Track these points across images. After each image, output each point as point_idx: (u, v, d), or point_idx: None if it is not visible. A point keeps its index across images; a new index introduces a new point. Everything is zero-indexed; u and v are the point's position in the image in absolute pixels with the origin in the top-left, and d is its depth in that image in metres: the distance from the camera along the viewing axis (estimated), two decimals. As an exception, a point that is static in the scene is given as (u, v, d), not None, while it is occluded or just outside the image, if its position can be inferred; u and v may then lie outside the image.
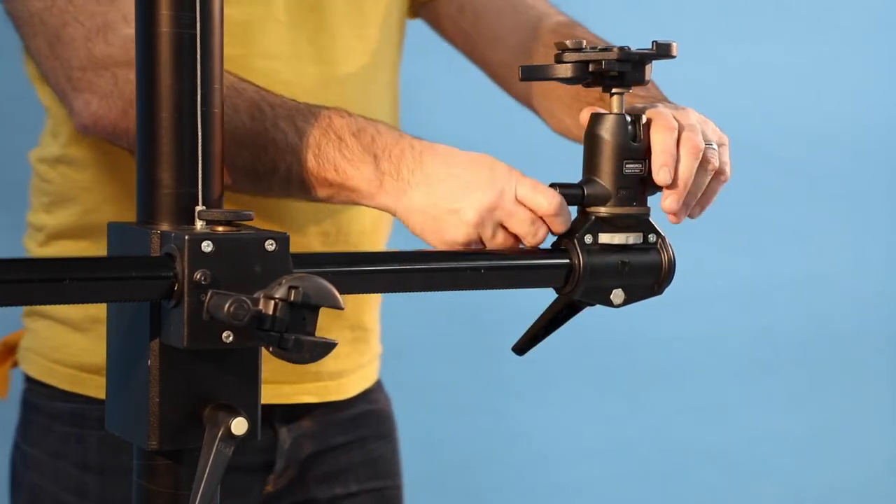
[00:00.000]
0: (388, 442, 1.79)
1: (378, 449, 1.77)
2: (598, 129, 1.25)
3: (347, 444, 1.74)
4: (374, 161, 1.34)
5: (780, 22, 3.09)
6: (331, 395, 1.69)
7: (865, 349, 3.24)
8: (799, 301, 3.15)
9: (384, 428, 1.79)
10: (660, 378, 3.05)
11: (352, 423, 1.74)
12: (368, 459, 1.76)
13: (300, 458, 1.69)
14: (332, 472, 1.72)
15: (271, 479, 1.67)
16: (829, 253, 3.18)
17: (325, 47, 1.62)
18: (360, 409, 1.75)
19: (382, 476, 1.77)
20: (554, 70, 1.25)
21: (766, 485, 3.15)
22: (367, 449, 1.76)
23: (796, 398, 3.17)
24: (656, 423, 3.05)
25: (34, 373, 1.67)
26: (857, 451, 3.23)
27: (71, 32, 1.42)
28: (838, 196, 3.18)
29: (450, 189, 1.31)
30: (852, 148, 3.18)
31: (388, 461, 1.79)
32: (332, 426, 1.72)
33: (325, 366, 1.67)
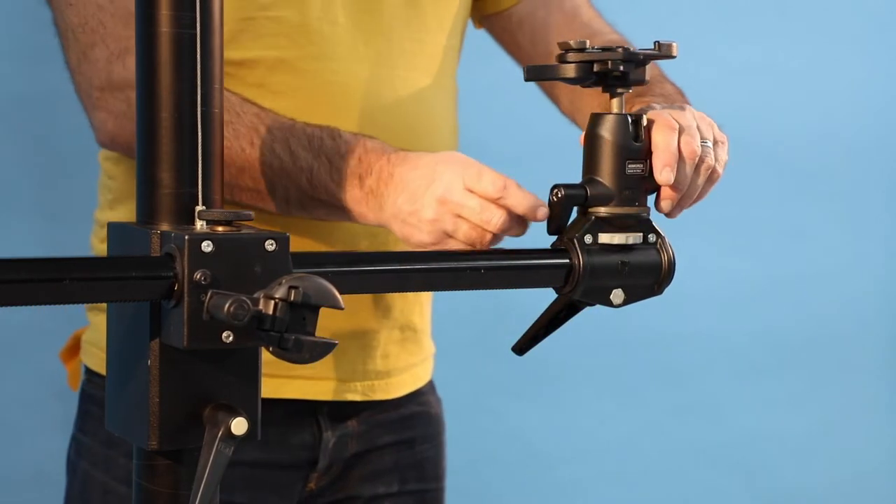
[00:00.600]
0: (435, 445, 1.79)
1: (425, 451, 1.77)
2: (600, 130, 1.25)
3: (395, 444, 1.73)
4: (359, 182, 1.41)
5: (780, 22, 3.09)
6: (377, 395, 1.68)
7: (864, 348, 3.25)
8: (797, 300, 3.15)
9: (433, 430, 1.78)
10: (658, 377, 3.05)
11: (400, 423, 1.74)
12: (415, 461, 1.75)
13: (345, 456, 1.69)
14: (377, 472, 1.72)
15: (314, 476, 1.67)
16: (827, 252, 3.18)
17: (381, 51, 1.62)
18: (409, 409, 1.75)
19: (427, 478, 1.77)
20: (558, 70, 1.25)
21: (765, 484, 3.15)
22: (414, 450, 1.75)
23: (794, 397, 3.17)
24: (654, 422, 3.05)
25: (92, 364, 1.70)
26: (856, 450, 3.23)
27: (97, 53, 1.51)
28: (837, 195, 3.18)
29: (410, 192, 1.37)
30: (851, 148, 3.18)
31: (434, 464, 1.79)
32: (378, 426, 1.71)
33: (374, 364, 1.67)
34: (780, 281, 3.13)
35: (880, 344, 3.25)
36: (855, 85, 3.18)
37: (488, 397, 2.91)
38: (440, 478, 1.80)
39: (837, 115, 3.16)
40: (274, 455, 1.63)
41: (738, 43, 3.03)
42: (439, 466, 1.80)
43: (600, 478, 3.02)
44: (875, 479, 3.26)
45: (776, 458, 3.15)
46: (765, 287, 3.12)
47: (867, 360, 3.25)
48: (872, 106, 3.20)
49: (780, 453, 3.16)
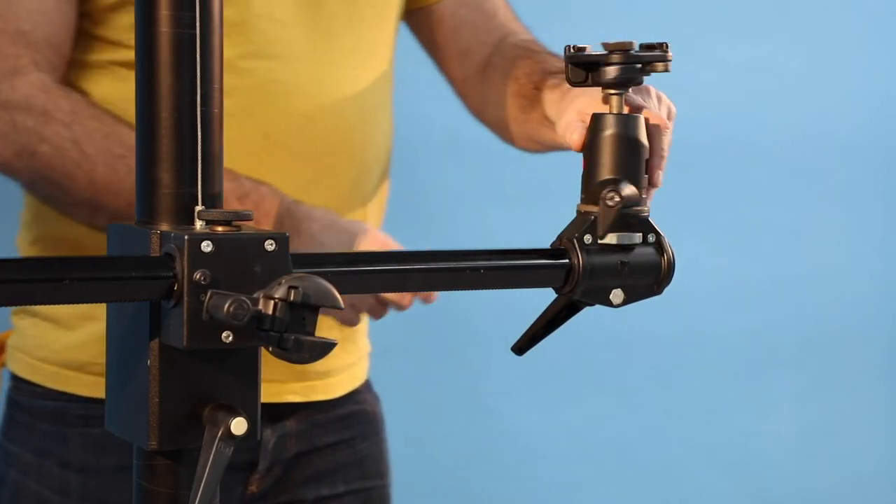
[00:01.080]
0: (375, 442, 1.79)
1: (365, 449, 1.77)
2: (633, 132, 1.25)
3: (335, 444, 1.74)
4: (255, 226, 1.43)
5: (779, 22, 3.09)
6: (317, 395, 1.69)
7: (863, 348, 3.25)
8: (796, 300, 3.16)
9: (372, 428, 1.79)
10: (655, 377, 3.05)
11: (339, 423, 1.74)
12: (356, 460, 1.76)
13: (285, 457, 1.69)
14: (319, 473, 1.72)
15: (255, 478, 1.67)
16: (826, 252, 3.18)
17: (323, 48, 1.62)
18: (347, 409, 1.75)
19: (370, 476, 1.77)
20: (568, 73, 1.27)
21: (765, 484, 3.15)
22: (354, 449, 1.76)
23: (794, 397, 3.17)
24: (651, 422, 3.05)
25: (19, 370, 1.67)
26: (855, 450, 3.23)
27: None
28: (835, 195, 3.18)
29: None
30: (850, 148, 3.18)
31: (376, 461, 1.79)
32: (317, 426, 1.72)
33: (312, 365, 1.66)
34: (779, 281, 3.13)
35: (879, 344, 3.26)
36: (854, 85, 3.18)
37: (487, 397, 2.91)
38: (384, 475, 1.80)
39: (837, 115, 3.16)
40: None
41: (738, 43, 3.03)
42: (382, 464, 1.80)
43: (600, 478, 3.02)
44: (875, 479, 3.26)
45: (776, 458, 3.15)
46: (764, 287, 3.13)
47: (866, 360, 3.25)
48: (871, 106, 3.20)
49: (779, 453, 3.16)
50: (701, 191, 2.93)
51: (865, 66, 3.19)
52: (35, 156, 1.52)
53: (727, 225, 3.05)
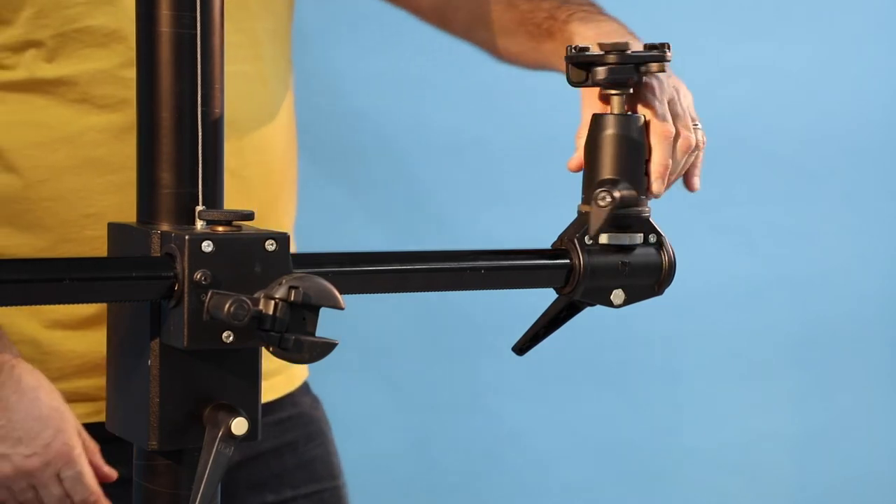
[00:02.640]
0: (320, 443, 1.76)
1: (311, 451, 1.75)
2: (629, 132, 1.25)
3: (276, 449, 1.71)
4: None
5: (779, 21, 3.09)
6: None
7: (865, 349, 3.24)
8: (798, 300, 3.15)
9: (314, 429, 1.76)
10: (658, 377, 3.05)
11: (278, 427, 1.71)
12: (302, 463, 1.73)
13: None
14: (262, 480, 1.69)
15: None
16: (828, 252, 3.18)
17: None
18: (285, 412, 1.72)
19: (320, 478, 1.75)
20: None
21: (765, 484, 3.15)
22: (298, 452, 1.74)
23: (795, 397, 3.17)
24: (652, 422, 3.05)
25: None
26: (857, 451, 3.23)
27: None
28: (838, 195, 3.18)
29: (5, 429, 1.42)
30: (852, 147, 3.18)
31: (325, 462, 1.76)
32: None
33: None
34: (782, 281, 3.13)
35: (882, 344, 3.25)
36: (856, 85, 3.18)
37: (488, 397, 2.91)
38: (335, 476, 1.78)
39: (838, 114, 3.16)
40: None
41: (738, 43, 3.03)
42: (331, 464, 1.78)
43: (600, 478, 3.02)
44: (877, 479, 3.25)
45: (777, 459, 3.15)
46: (766, 287, 3.12)
47: (869, 361, 3.25)
48: (874, 106, 3.20)
49: (780, 454, 3.16)
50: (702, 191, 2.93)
51: (870, 65, 3.19)
52: None
53: (729, 225, 3.05)
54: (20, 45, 1.51)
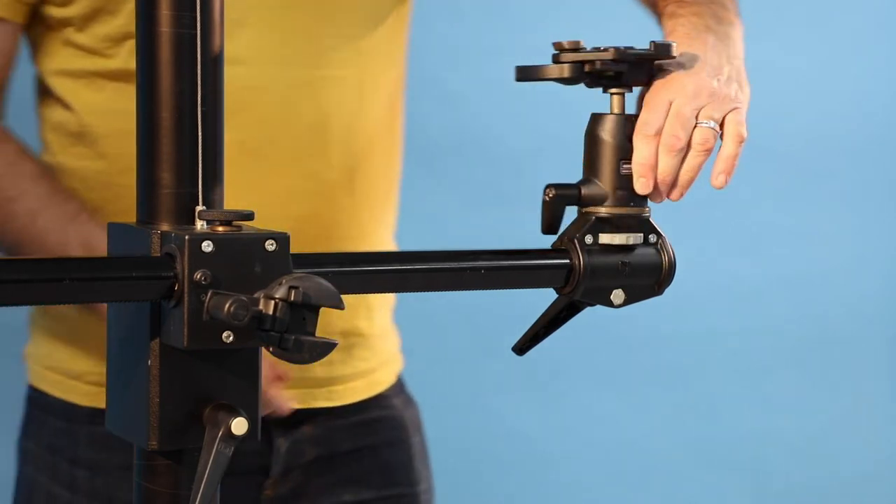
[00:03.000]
0: (403, 448, 1.76)
1: (391, 455, 1.75)
2: (596, 130, 1.26)
3: (356, 450, 1.72)
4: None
5: (780, 22, 3.09)
6: (319, 402, 1.67)
7: (866, 348, 3.24)
8: (798, 300, 3.15)
9: (399, 434, 1.76)
10: (658, 377, 3.05)
11: (361, 428, 1.72)
12: (381, 466, 1.74)
13: (301, 462, 1.67)
14: (340, 479, 1.70)
15: (269, 483, 1.66)
16: (828, 252, 3.18)
17: (299, 50, 1.60)
18: (371, 414, 1.73)
19: (398, 483, 1.75)
20: (549, 70, 1.25)
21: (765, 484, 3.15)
22: (379, 456, 1.74)
23: (795, 397, 3.17)
24: (654, 421, 3.05)
25: (32, 380, 1.71)
26: (858, 450, 3.23)
27: None
28: (838, 195, 3.18)
29: None
30: (852, 147, 3.18)
31: (405, 468, 1.76)
32: (337, 432, 1.70)
33: (312, 371, 1.66)
34: (782, 281, 3.13)
35: (882, 344, 3.25)
36: (856, 84, 3.18)
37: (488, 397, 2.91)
38: (415, 482, 1.77)
39: (838, 114, 3.16)
40: None
41: (740, 43, 3.03)
42: (412, 470, 1.77)
43: (600, 478, 3.02)
44: (877, 478, 3.26)
45: (777, 458, 3.15)
46: (766, 287, 3.12)
47: (869, 360, 3.25)
48: (874, 105, 3.20)
49: (780, 453, 3.16)
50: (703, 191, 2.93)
51: (870, 65, 3.19)
52: None
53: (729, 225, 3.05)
54: (121, 35, 1.57)
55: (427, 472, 1.81)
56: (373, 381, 1.73)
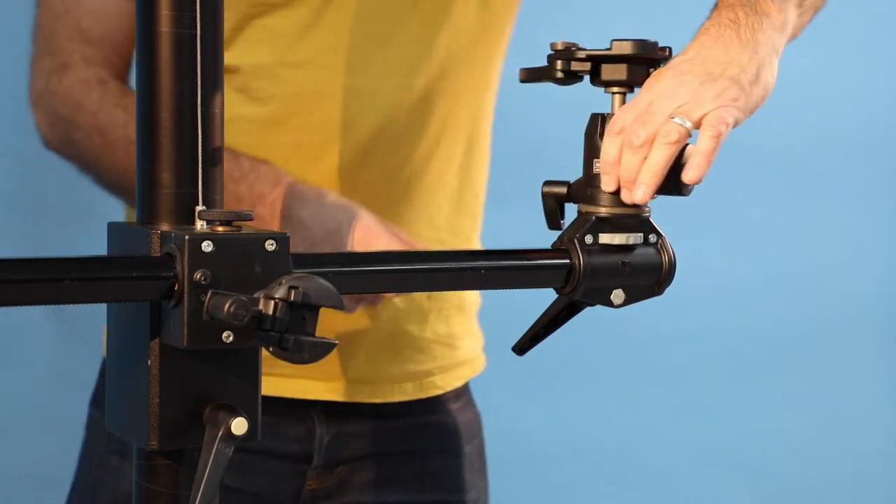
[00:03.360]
0: (453, 455, 1.76)
1: (441, 461, 1.74)
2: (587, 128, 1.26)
3: (404, 452, 1.71)
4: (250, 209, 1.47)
5: (780, 22, 3.09)
6: (361, 397, 1.67)
7: (864, 347, 3.24)
8: (798, 299, 3.15)
9: (450, 441, 1.76)
10: (658, 377, 3.05)
11: (411, 431, 1.71)
12: (429, 471, 1.73)
13: (346, 458, 1.67)
14: (385, 479, 1.69)
15: (312, 474, 1.66)
16: (827, 251, 3.18)
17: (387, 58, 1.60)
18: (423, 418, 1.72)
19: (445, 490, 1.74)
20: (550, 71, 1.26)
21: (765, 483, 3.15)
22: (427, 460, 1.73)
23: (794, 396, 3.17)
24: (652, 421, 3.05)
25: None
26: (856, 449, 3.23)
27: (45, 62, 1.64)
28: (837, 194, 3.18)
29: (307, 246, 1.46)
30: (851, 147, 3.18)
31: (454, 475, 1.75)
32: (385, 431, 1.69)
33: (357, 366, 1.66)
34: (781, 280, 3.13)
35: (881, 343, 3.25)
36: (855, 85, 3.18)
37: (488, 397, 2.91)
38: (462, 490, 1.76)
39: (840, 115, 3.16)
40: (265, 442, 1.63)
41: (739, 43, 3.03)
42: (460, 478, 1.76)
43: (600, 478, 3.02)
44: (875, 477, 3.26)
45: (776, 458, 3.15)
46: (765, 286, 3.12)
47: (868, 359, 3.25)
48: (873, 106, 3.20)
49: (780, 452, 3.16)
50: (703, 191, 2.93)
51: (870, 66, 3.19)
52: (72, 143, 1.62)
53: (729, 225, 3.05)
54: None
55: (480, 481, 1.80)
56: (425, 385, 1.72)
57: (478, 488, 1.79)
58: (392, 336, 1.67)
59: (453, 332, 1.74)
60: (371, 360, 1.66)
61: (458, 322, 1.76)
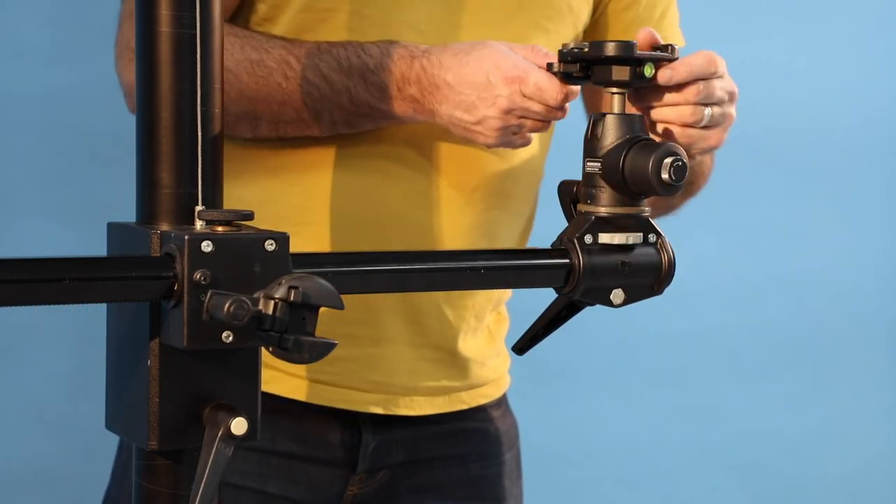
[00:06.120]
0: (494, 463, 1.75)
1: (480, 469, 1.73)
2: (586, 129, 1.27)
3: (444, 458, 1.70)
4: (399, 93, 1.48)
5: (780, 21, 3.09)
6: (399, 409, 1.66)
7: (864, 347, 3.24)
8: (797, 299, 3.15)
9: (491, 448, 1.75)
10: (658, 377, 3.05)
11: (451, 438, 1.71)
12: (468, 479, 1.72)
13: (389, 463, 1.66)
14: (426, 485, 1.69)
15: (356, 480, 1.65)
16: (827, 251, 3.18)
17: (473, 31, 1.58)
18: (464, 425, 1.71)
19: (484, 498, 1.73)
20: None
21: (765, 483, 3.15)
22: (467, 467, 1.72)
23: (794, 397, 3.17)
24: (655, 421, 3.05)
25: None
26: (856, 450, 3.23)
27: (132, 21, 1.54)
28: (837, 194, 3.18)
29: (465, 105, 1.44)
30: (851, 147, 3.18)
31: (494, 483, 1.75)
32: (427, 438, 1.68)
33: (397, 378, 1.64)
34: (781, 280, 3.13)
35: (880, 343, 3.25)
36: (855, 84, 3.18)
37: (489, 397, 2.91)
38: (501, 498, 1.75)
39: (840, 114, 3.16)
40: (311, 449, 1.62)
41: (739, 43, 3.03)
42: (499, 486, 1.75)
43: (600, 477, 3.02)
44: (875, 478, 3.26)
45: (776, 458, 3.15)
46: (765, 286, 3.12)
47: (867, 360, 3.25)
48: (874, 105, 3.20)
49: (780, 453, 3.16)
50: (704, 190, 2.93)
51: (870, 65, 3.19)
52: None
53: (729, 225, 3.05)
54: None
55: (517, 489, 1.79)
56: (455, 400, 1.71)
57: (515, 497, 1.79)
58: (435, 349, 1.65)
59: (487, 352, 1.73)
60: (409, 371, 1.64)
61: (493, 341, 1.75)
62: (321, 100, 1.50)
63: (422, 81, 1.46)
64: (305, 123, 1.52)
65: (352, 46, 1.49)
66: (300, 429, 1.61)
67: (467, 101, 1.43)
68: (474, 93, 1.43)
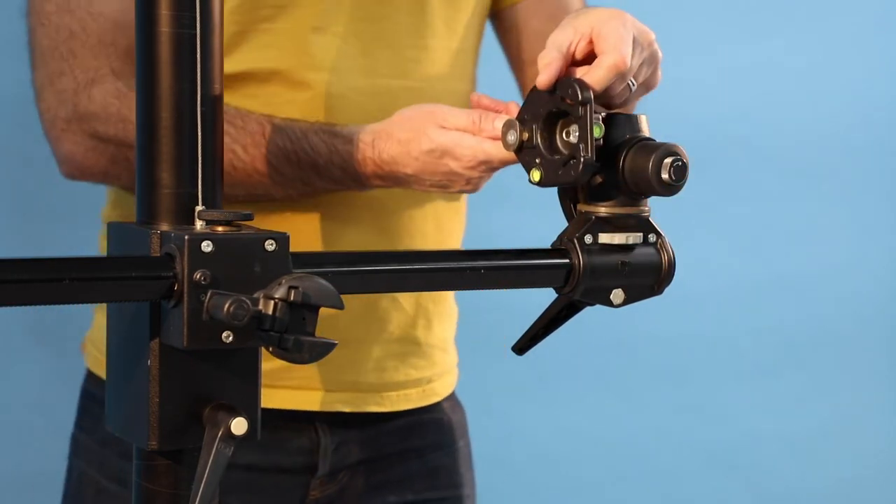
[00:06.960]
0: (449, 452, 1.77)
1: (437, 459, 1.75)
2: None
3: (402, 452, 1.72)
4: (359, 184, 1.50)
5: (780, 21, 3.09)
6: (370, 407, 1.67)
7: (865, 348, 3.24)
8: (799, 300, 3.15)
9: (446, 438, 1.76)
10: (659, 377, 3.05)
11: (408, 431, 1.72)
12: (427, 469, 1.74)
13: (348, 463, 1.67)
14: (387, 481, 1.70)
15: (316, 483, 1.66)
16: (829, 252, 3.18)
17: (383, 60, 1.60)
18: (418, 418, 1.73)
19: (442, 486, 1.75)
20: None
21: (766, 484, 3.15)
22: (424, 459, 1.74)
23: (796, 397, 3.17)
24: (656, 422, 3.05)
25: (90, 364, 1.71)
26: (857, 450, 3.23)
27: (64, 83, 1.53)
28: (838, 195, 3.18)
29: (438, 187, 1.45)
30: (852, 147, 3.18)
31: (450, 471, 1.76)
32: (385, 434, 1.70)
33: (365, 377, 1.65)
34: (782, 280, 3.13)
35: (882, 343, 3.25)
36: (856, 84, 3.18)
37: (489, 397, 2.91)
38: (459, 485, 1.77)
39: (841, 115, 3.16)
40: (271, 458, 1.63)
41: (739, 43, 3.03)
42: (456, 474, 1.77)
43: (601, 478, 3.02)
44: (876, 479, 3.26)
45: (777, 458, 3.15)
46: (766, 287, 3.12)
47: (869, 360, 3.25)
48: (873, 105, 3.20)
49: (781, 453, 3.16)
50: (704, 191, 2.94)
51: (870, 65, 3.19)
52: (129, 161, 1.53)
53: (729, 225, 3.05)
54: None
55: (470, 476, 1.81)
56: (427, 391, 1.73)
57: (470, 483, 1.80)
58: (400, 342, 1.67)
59: (447, 336, 1.75)
60: (379, 369, 1.66)
61: (450, 327, 1.76)
62: (273, 186, 1.51)
63: (382, 175, 1.47)
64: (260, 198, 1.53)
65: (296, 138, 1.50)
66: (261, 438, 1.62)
67: (439, 184, 1.45)
68: (444, 178, 1.44)
